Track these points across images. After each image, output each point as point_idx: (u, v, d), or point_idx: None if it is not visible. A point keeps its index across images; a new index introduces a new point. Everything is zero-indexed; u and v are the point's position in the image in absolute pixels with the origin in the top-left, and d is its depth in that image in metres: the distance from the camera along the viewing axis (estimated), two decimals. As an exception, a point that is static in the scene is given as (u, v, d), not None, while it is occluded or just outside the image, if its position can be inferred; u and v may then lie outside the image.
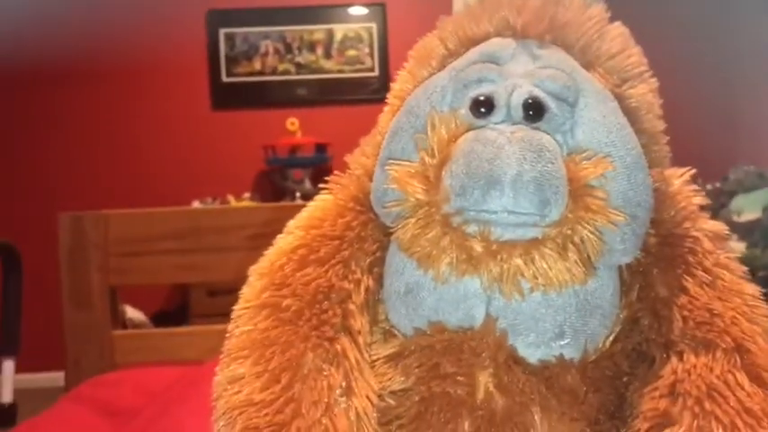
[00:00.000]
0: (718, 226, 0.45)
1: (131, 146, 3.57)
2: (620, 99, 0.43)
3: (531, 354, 0.39)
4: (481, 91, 0.40)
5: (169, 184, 3.45)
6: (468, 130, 0.39)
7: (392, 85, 0.47)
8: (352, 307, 0.42)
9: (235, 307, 0.43)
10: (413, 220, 0.38)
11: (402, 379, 0.40)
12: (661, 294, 0.42)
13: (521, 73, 0.41)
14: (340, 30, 3.69)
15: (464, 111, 0.40)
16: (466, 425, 0.39)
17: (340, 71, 3.66)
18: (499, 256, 0.37)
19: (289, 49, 3.67)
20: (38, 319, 2.16)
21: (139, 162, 3.55)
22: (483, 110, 0.39)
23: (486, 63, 0.41)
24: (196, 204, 3.24)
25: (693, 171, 0.46)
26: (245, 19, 3.65)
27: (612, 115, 0.41)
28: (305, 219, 0.46)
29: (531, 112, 0.39)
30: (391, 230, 0.41)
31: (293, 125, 3.42)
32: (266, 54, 3.66)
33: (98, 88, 3.55)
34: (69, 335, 1.24)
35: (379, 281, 0.44)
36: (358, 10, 3.72)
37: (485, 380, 0.39)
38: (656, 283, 0.42)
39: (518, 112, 0.39)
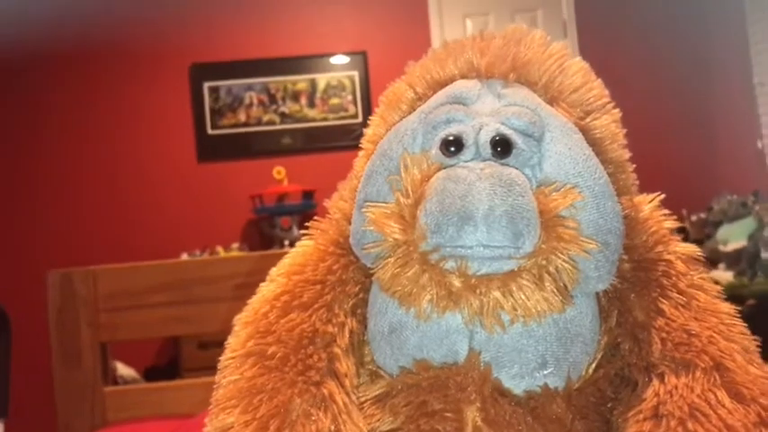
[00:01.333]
0: (691, 248, 0.46)
1: (119, 201, 3.56)
2: (585, 131, 0.44)
3: (516, 385, 0.40)
4: (450, 131, 0.41)
5: (157, 238, 3.44)
6: (439, 170, 0.40)
7: (365, 130, 0.49)
8: (337, 350, 0.42)
9: (221, 357, 0.43)
10: (392, 260, 0.39)
11: (391, 419, 0.41)
12: (639, 318, 0.43)
13: (487, 112, 0.42)
14: (323, 79, 3.74)
15: (434, 151, 0.41)
16: None
17: (324, 119, 3.70)
18: (478, 290, 0.38)
19: (273, 99, 3.71)
20: (28, 380, 2.13)
21: (127, 217, 3.54)
22: (453, 149, 0.41)
23: (454, 104, 0.43)
24: (185, 257, 3.23)
25: (662, 196, 0.48)
26: (229, 71, 3.69)
27: (578, 147, 0.42)
28: (287, 265, 0.46)
29: (498, 149, 0.40)
30: (372, 271, 0.42)
31: (280, 174, 3.44)
32: (251, 105, 3.70)
33: (83, 145, 3.56)
34: (60, 393, 1.23)
35: (364, 322, 0.45)
36: (340, 59, 3.77)
37: (472, 415, 0.39)
38: (634, 307, 0.43)
39: (486, 150, 0.40)
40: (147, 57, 3.63)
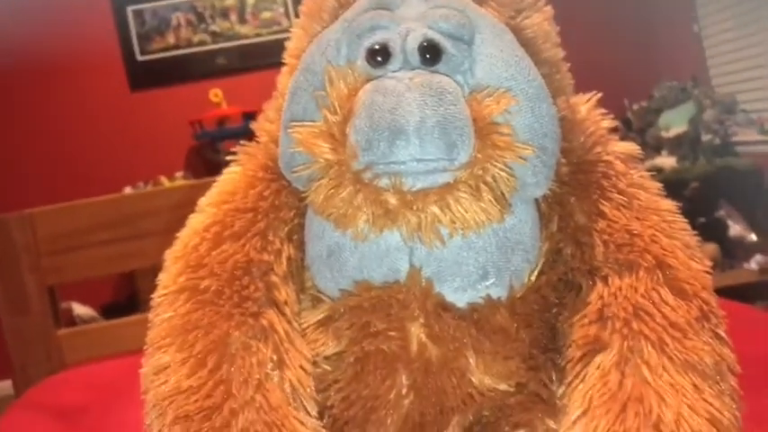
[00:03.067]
0: (630, 146, 0.45)
1: (53, 140, 3.44)
2: (516, 31, 0.42)
3: (459, 298, 0.39)
4: (375, 39, 0.39)
5: (97, 174, 3.35)
6: (366, 82, 0.38)
7: (286, 44, 0.46)
8: (274, 279, 0.41)
9: (153, 295, 0.42)
10: (324, 182, 0.38)
11: (334, 343, 0.40)
12: (580, 222, 0.42)
13: (413, 16, 0.40)
14: (252, -7, 3.60)
15: (360, 62, 0.39)
16: (403, 379, 0.39)
17: (257, 35, 3.58)
18: (415, 206, 0.36)
19: (201, 18, 3.56)
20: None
21: (63, 155, 3.43)
22: (379, 59, 0.38)
23: (378, 10, 0.40)
24: (128, 191, 3.16)
25: (599, 95, 0.46)
26: (152, -7, 3.52)
27: (510, 49, 0.40)
28: (215, 195, 0.44)
29: (427, 56, 0.38)
30: (305, 195, 0.40)
31: (217, 96, 3.34)
32: (179, 27, 3.55)
33: (9, 84, 3.40)
34: (11, 341, 1.20)
35: (301, 248, 0.43)
36: (268, -29, 3.62)
37: (416, 331, 0.39)
38: (575, 211, 0.43)
39: (415, 57, 0.38)
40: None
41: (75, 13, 3.45)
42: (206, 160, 3.42)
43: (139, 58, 3.53)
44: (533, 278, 0.42)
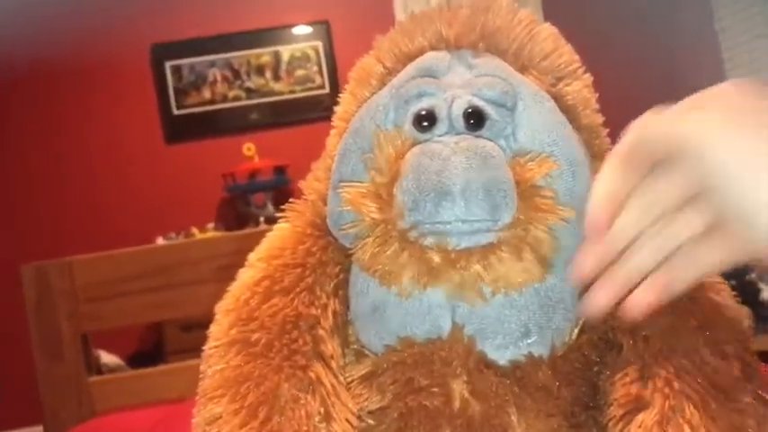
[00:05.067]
0: None
1: (89, 190, 3.52)
2: (557, 98, 0.44)
3: (501, 355, 0.40)
4: (422, 105, 0.40)
5: (132, 223, 3.40)
6: (413, 145, 0.39)
7: (336, 108, 0.48)
8: (321, 332, 0.42)
9: (205, 347, 0.43)
10: (370, 240, 0.39)
11: (378, 398, 0.41)
12: None
13: (458, 83, 0.41)
14: (286, 51, 3.69)
15: (407, 126, 0.41)
16: None
17: (291, 92, 3.66)
18: (458, 265, 0.38)
19: (237, 75, 3.65)
20: (12, 373, 2.11)
21: (100, 205, 3.49)
22: (426, 123, 0.40)
23: (424, 77, 0.42)
24: (160, 241, 3.20)
25: None
26: (190, 49, 3.63)
27: (551, 115, 0.42)
28: (265, 250, 0.45)
29: (472, 121, 0.40)
30: (351, 252, 0.41)
31: (250, 150, 3.40)
32: (215, 82, 3.64)
33: (50, 136, 3.50)
34: (44, 387, 1.21)
35: (346, 303, 0.44)
36: (302, 29, 3.72)
37: (459, 388, 0.39)
38: None
39: (460, 123, 0.40)
40: (107, 41, 3.55)
41: (116, 65, 3.56)
42: (237, 212, 3.46)
43: (175, 111, 3.62)
44: (574, 337, 0.42)
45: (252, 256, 0.46)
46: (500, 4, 0.46)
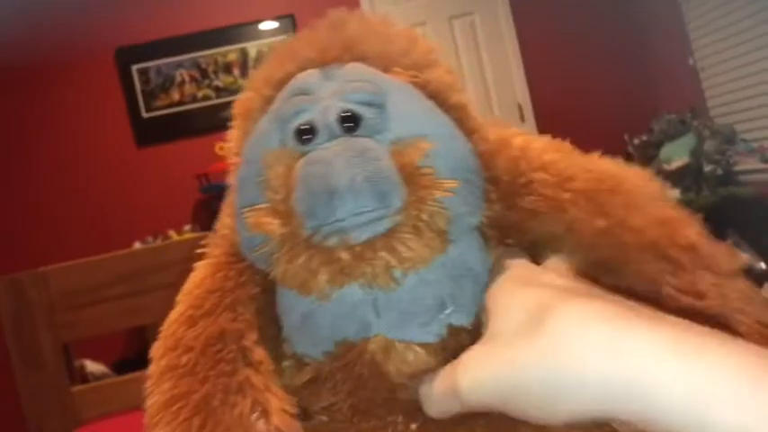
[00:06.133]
0: (545, 140, 0.49)
1: (62, 198, 3.49)
2: (423, 87, 0.46)
3: (427, 333, 0.42)
4: (300, 121, 0.42)
5: (107, 230, 3.39)
6: (299, 158, 0.41)
7: (225, 146, 0.50)
8: (247, 343, 0.43)
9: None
10: (280, 254, 0.40)
11: (330, 395, 0.43)
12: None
13: (329, 94, 0.43)
14: (253, 47, 3.67)
15: (291, 143, 0.42)
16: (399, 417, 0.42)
17: (260, 88, 3.64)
18: (366, 256, 0.39)
19: (205, 74, 3.64)
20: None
21: (73, 213, 3.47)
22: (306, 137, 0.42)
23: (298, 96, 0.44)
24: (137, 246, 3.19)
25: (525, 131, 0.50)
26: (156, 51, 3.60)
27: (418, 102, 0.45)
28: (187, 288, 0.47)
29: (347, 125, 0.42)
30: (268, 272, 0.43)
31: (222, 149, 3.37)
32: (183, 83, 3.62)
33: (16, 145, 3.46)
34: (26, 399, 1.21)
35: (272, 322, 0.45)
36: (268, 25, 3.71)
37: (398, 379, 0.41)
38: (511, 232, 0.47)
39: (336, 128, 0.42)
40: (70, 48, 3.52)
41: (81, 72, 3.52)
42: (213, 212, 3.42)
43: (145, 114, 3.60)
44: None
45: (178, 298, 0.47)
46: (354, 15, 0.49)
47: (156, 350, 0.44)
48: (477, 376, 0.36)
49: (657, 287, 0.42)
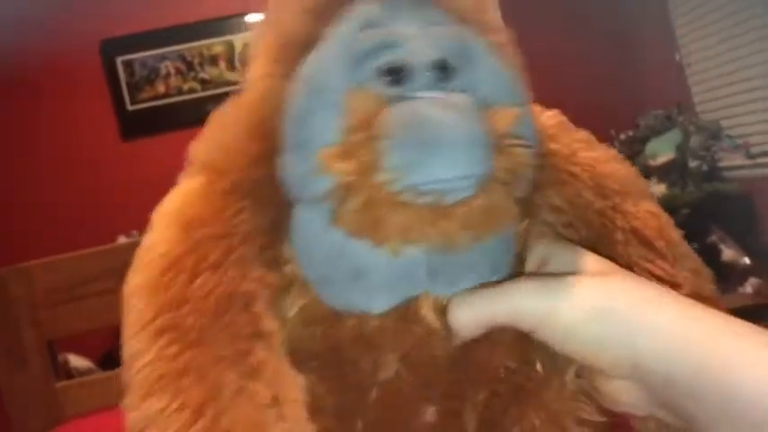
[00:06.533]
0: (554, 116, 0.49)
1: (46, 192, 3.45)
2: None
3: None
4: (386, 59, 0.39)
5: (92, 224, 3.35)
6: (386, 103, 0.37)
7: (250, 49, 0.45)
8: (258, 309, 0.39)
9: (125, 331, 0.39)
10: (356, 202, 0.37)
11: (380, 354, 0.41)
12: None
13: (412, 34, 0.40)
14: (239, 40, 3.64)
15: (375, 83, 0.39)
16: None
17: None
18: (455, 219, 0.37)
19: (190, 66, 3.60)
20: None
21: (58, 207, 3.43)
22: (393, 78, 0.39)
23: (373, 29, 0.40)
24: (122, 239, 3.16)
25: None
26: (140, 43, 3.56)
27: (501, 64, 0.42)
28: (177, 213, 0.41)
29: (440, 74, 0.39)
30: (333, 217, 0.38)
31: (209, 142, 3.36)
32: (168, 75, 3.58)
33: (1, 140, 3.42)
34: (9, 396, 1.19)
35: (277, 271, 0.41)
36: (255, 17, 3.67)
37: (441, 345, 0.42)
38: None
39: (430, 76, 0.39)
40: (54, 39, 3.47)
41: (65, 65, 3.48)
42: (199, 206, 3.42)
43: (130, 107, 3.56)
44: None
45: (161, 219, 0.41)
46: None
47: (141, 293, 0.38)
48: (530, 295, 0.39)
49: (632, 269, 0.43)
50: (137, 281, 0.39)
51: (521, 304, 0.39)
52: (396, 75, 0.38)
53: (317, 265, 0.41)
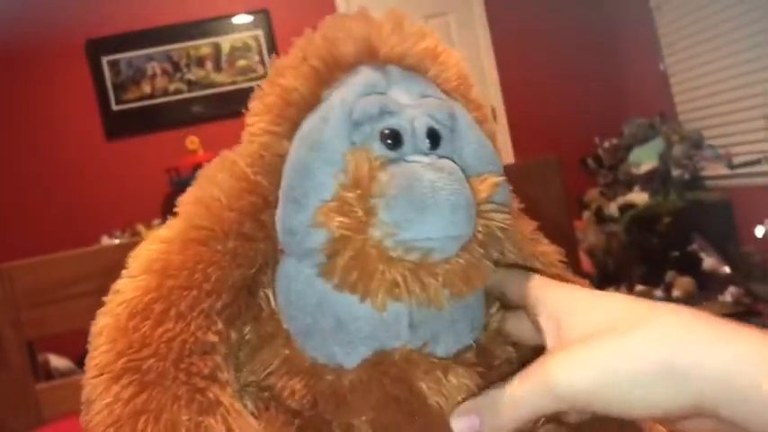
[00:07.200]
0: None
1: (28, 191, 3.43)
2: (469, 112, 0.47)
3: (448, 351, 0.43)
4: (386, 124, 0.41)
5: (75, 224, 3.34)
6: (383, 163, 0.40)
7: (252, 106, 0.46)
8: (218, 359, 0.40)
9: (86, 373, 0.39)
10: (345, 254, 0.39)
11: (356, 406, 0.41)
12: None
13: (407, 103, 0.43)
14: (227, 41, 3.65)
15: (376, 145, 0.41)
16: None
17: (233, 82, 3.62)
18: (439, 277, 0.39)
19: (177, 67, 3.60)
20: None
21: (40, 206, 3.42)
22: (390, 142, 0.41)
23: (373, 96, 0.42)
24: (105, 239, 3.15)
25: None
26: (127, 43, 3.56)
27: (478, 132, 0.45)
28: (149, 261, 0.42)
29: (431, 141, 0.42)
30: (319, 270, 0.41)
31: (193, 143, 3.35)
32: (154, 76, 3.58)
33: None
34: (-11, 397, 1.19)
35: (239, 331, 0.43)
36: (242, 18, 3.68)
37: (431, 394, 0.41)
38: None
39: (423, 142, 0.42)
40: (39, 37, 3.46)
41: (51, 63, 3.47)
42: (183, 207, 3.41)
43: (115, 107, 3.55)
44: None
45: (136, 264, 0.42)
46: (410, 21, 0.47)
47: (107, 336, 0.39)
48: (576, 370, 0.36)
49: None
50: (104, 322, 0.40)
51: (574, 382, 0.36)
52: (392, 139, 0.41)
53: (302, 316, 0.43)
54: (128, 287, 0.41)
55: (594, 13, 4.02)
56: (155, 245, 0.43)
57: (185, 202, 0.45)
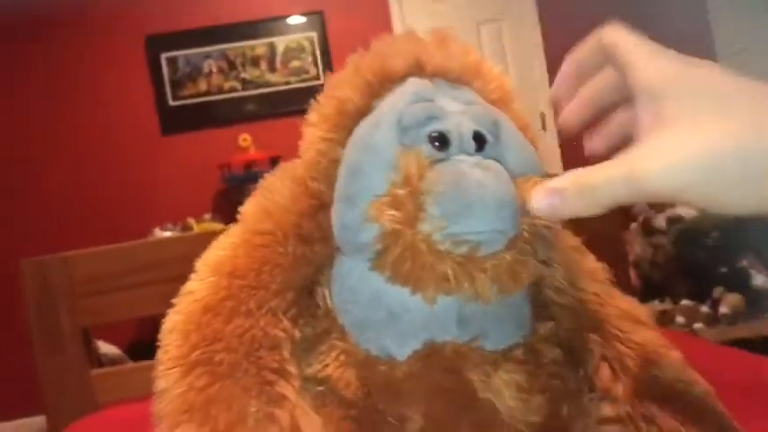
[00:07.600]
0: None
1: (87, 182, 3.53)
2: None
3: (498, 346, 0.45)
4: (434, 127, 0.44)
5: (128, 215, 3.42)
6: (432, 162, 0.42)
7: (309, 118, 0.49)
8: (285, 354, 0.43)
9: (159, 366, 0.42)
10: (396, 248, 0.41)
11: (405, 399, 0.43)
12: None
13: (455, 110, 0.45)
14: (281, 42, 3.69)
15: (424, 146, 0.43)
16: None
17: (286, 83, 3.67)
18: (487, 271, 0.41)
19: (232, 66, 3.66)
20: (10, 365, 2.13)
21: (97, 197, 3.51)
22: (437, 144, 0.43)
23: (423, 103, 0.45)
24: (157, 231, 3.22)
25: None
26: (185, 41, 3.63)
27: (521, 139, 0.47)
28: (217, 263, 0.45)
29: (477, 144, 0.44)
30: (371, 263, 0.42)
31: (246, 141, 3.41)
32: (210, 73, 3.65)
33: (44, 129, 3.50)
34: (45, 380, 1.23)
35: (301, 329, 0.45)
36: (297, 20, 3.72)
37: (480, 386, 0.43)
38: None
39: (470, 144, 0.43)
40: (102, 32, 3.56)
41: (111, 58, 3.56)
42: (233, 203, 3.44)
43: (171, 103, 3.63)
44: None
45: (205, 267, 0.45)
46: (459, 40, 0.51)
47: (180, 331, 0.42)
48: (667, 161, 0.32)
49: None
50: (176, 319, 0.43)
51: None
52: (439, 141, 0.43)
53: (356, 310, 0.45)
54: (199, 287, 0.44)
55: (651, 19, 3.96)
56: (221, 250, 0.46)
57: (247, 209, 0.49)
